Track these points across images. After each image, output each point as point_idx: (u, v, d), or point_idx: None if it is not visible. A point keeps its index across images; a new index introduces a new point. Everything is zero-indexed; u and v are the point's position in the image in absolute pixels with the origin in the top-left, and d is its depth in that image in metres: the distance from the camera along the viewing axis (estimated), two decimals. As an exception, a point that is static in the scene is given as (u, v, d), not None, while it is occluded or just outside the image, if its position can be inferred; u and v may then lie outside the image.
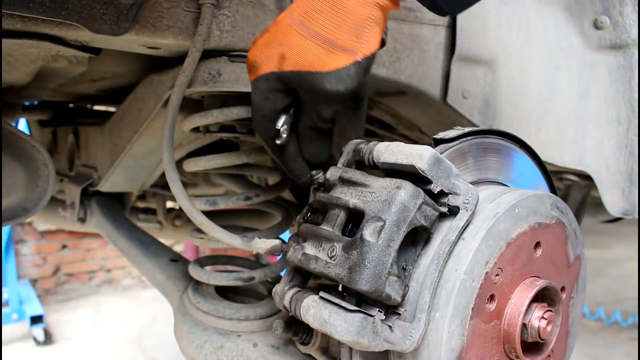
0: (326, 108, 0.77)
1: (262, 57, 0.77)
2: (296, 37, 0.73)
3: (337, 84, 0.73)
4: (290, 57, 0.74)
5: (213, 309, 1.04)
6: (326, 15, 0.71)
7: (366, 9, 0.71)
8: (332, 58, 0.72)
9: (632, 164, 1.51)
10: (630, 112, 1.50)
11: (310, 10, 0.72)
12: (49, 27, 0.78)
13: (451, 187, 0.69)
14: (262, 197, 1.06)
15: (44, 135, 1.88)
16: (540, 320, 0.71)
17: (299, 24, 0.73)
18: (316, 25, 0.72)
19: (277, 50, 0.75)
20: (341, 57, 0.72)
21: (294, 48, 0.73)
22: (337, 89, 0.73)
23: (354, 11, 0.71)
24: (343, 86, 0.73)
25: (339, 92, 0.73)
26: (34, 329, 4.04)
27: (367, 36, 0.72)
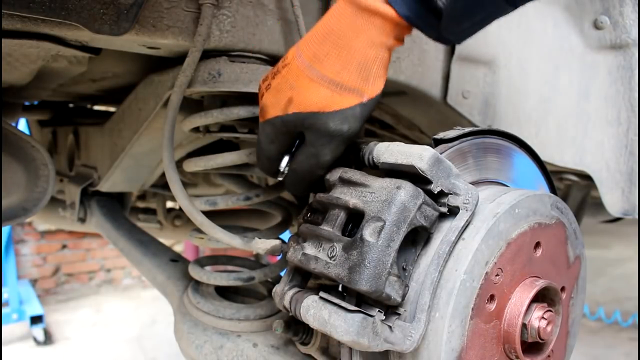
0: (328, 152, 0.76)
1: (272, 101, 0.78)
2: (305, 80, 0.74)
3: (341, 124, 0.73)
4: (297, 100, 0.74)
5: (213, 309, 1.04)
6: (333, 57, 0.72)
7: (372, 51, 0.72)
8: (337, 99, 0.73)
9: (632, 164, 1.51)
10: (630, 112, 1.50)
11: (318, 53, 0.73)
12: (49, 27, 0.78)
13: (451, 187, 0.69)
14: (262, 197, 1.06)
15: (44, 135, 1.88)
16: (540, 320, 0.71)
17: (308, 67, 0.73)
18: (323, 68, 0.73)
19: (287, 95, 0.76)
20: (347, 98, 0.73)
21: (301, 90, 0.74)
22: (340, 129, 0.73)
23: (361, 52, 0.72)
24: (347, 126, 0.73)
25: (342, 131, 0.74)
26: (34, 329, 4.04)
27: (373, 78, 0.73)
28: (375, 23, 0.71)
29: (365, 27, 0.71)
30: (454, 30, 0.75)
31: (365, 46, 0.72)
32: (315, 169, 0.79)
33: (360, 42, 0.71)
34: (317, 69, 0.73)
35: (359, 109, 0.73)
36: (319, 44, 0.73)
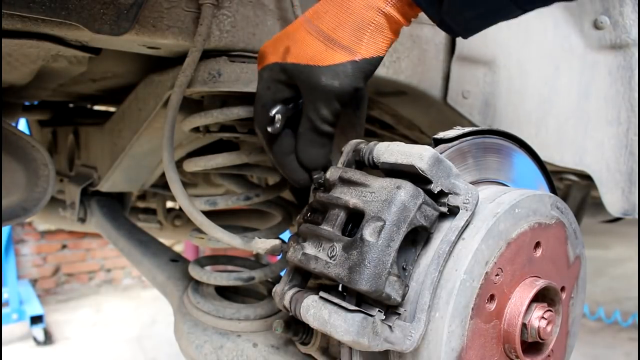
0: (324, 106, 0.77)
1: (270, 49, 0.81)
2: (302, 32, 0.77)
3: (332, 79, 0.75)
4: (293, 50, 0.77)
5: (213, 309, 1.04)
6: (331, 14, 0.75)
7: (369, 13, 0.73)
8: (330, 54, 0.75)
9: (632, 164, 1.51)
10: (630, 112, 1.50)
11: (319, 10, 0.76)
12: (49, 27, 0.78)
13: (451, 187, 0.69)
14: (262, 197, 1.06)
15: (44, 135, 1.88)
16: (540, 320, 0.71)
17: (307, 21, 0.77)
18: (321, 23, 0.76)
19: (284, 44, 0.78)
20: (339, 54, 0.75)
21: (298, 42, 0.77)
22: (332, 84, 0.75)
23: (357, 13, 0.74)
24: (338, 82, 0.74)
25: (334, 87, 0.75)
26: (34, 329, 4.05)
27: (367, 39, 0.74)
28: None
29: None
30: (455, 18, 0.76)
31: (362, 7, 0.74)
32: (319, 125, 0.79)
33: (359, 3, 0.74)
34: (315, 24, 0.76)
35: (350, 66, 0.74)
36: (323, 4, 0.76)
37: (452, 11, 0.74)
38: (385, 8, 0.73)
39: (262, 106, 0.82)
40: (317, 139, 0.81)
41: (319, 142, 0.81)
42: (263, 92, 0.82)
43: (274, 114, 0.80)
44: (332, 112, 0.78)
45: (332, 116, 0.78)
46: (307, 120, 0.79)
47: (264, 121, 0.82)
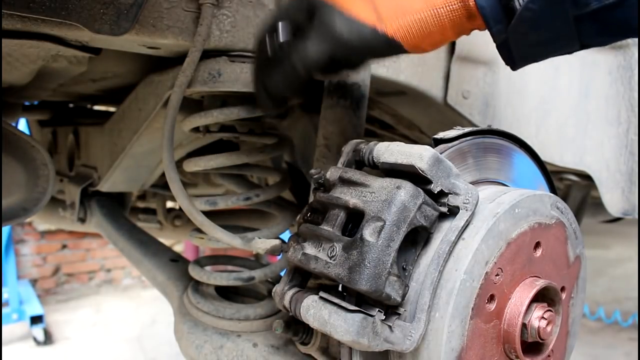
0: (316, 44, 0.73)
1: None
2: None
3: (343, 28, 0.71)
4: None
5: (213, 309, 1.04)
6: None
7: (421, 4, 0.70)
8: (361, 7, 0.71)
9: (632, 164, 1.51)
10: (630, 112, 1.50)
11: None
12: (49, 27, 0.78)
13: (451, 187, 0.69)
14: (262, 197, 1.06)
15: (44, 135, 1.88)
16: (540, 320, 0.71)
17: None
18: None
19: None
20: (368, 13, 0.71)
21: None
22: (340, 32, 0.71)
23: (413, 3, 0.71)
24: (347, 35, 0.71)
25: (339, 36, 0.71)
26: (34, 329, 4.04)
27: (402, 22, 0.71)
28: None
29: None
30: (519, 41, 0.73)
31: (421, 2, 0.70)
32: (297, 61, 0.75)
33: None
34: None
35: (368, 31, 0.71)
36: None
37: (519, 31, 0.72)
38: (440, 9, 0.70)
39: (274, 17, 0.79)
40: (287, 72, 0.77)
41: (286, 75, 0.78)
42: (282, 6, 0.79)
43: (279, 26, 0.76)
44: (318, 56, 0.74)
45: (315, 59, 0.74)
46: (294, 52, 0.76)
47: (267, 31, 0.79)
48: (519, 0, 0.69)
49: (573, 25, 0.70)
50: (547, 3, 0.68)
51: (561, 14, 0.69)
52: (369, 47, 0.72)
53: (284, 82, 0.79)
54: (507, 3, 0.70)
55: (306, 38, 0.75)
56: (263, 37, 0.80)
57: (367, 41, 0.71)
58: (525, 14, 0.69)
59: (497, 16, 0.71)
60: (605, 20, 0.69)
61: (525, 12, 0.69)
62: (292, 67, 0.76)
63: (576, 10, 0.69)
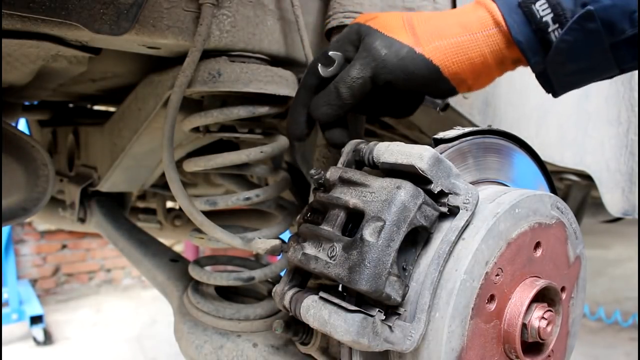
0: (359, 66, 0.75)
1: (363, 15, 0.82)
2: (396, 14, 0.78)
3: (382, 46, 0.73)
4: (378, 18, 0.78)
5: (213, 309, 1.04)
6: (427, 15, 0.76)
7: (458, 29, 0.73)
8: (400, 31, 0.74)
9: (632, 164, 1.51)
10: (630, 112, 1.50)
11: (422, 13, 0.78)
12: (49, 27, 0.78)
13: (451, 187, 0.69)
14: (262, 197, 1.06)
15: (44, 135, 1.88)
16: (541, 320, 0.71)
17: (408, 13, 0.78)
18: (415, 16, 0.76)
19: (377, 14, 0.80)
20: (406, 34, 0.74)
21: (387, 15, 0.78)
22: (379, 50, 0.73)
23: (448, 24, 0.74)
24: (385, 52, 0.73)
25: (378, 54, 0.73)
26: (34, 329, 4.05)
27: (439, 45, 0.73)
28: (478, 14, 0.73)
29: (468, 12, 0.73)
30: (557, 71, 0.74)
31: (455, 24, 0.73)
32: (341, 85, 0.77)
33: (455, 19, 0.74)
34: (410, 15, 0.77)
35: (406, 50, 0.73)
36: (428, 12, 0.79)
37: (557, 62, 0.72)
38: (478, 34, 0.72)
39: (325, 52, 0.81)
40: (331, 95, 0.79)
41: (330, 98, 0.79)
42: (333, 42, 0.82)
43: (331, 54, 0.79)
44: (360, 77, 0.75)
45: (357, 81, 0.76)
46: (339, 75, 0.78)
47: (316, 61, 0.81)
48: (555, 32, 0.70)
49: (610, 53, 0.71)
50: (582, 34, 0.69)
51: (597, 44, 0.70)
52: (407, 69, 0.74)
53: (327, 107, 0.80)
54: (544, 36, 0.71)
55: (352, 64, 0.77)
56: (315, 65, 0.81)
57: (405, 61, 0.73)
58: (561, 46, 0.70)
59: (534, 48, 0.72)
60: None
61: (561, 44, 0.70)
62: (336, 91, 0.78)
63: (612, 38, 0.69)
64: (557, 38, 0.70)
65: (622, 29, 0.68)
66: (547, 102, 1.39)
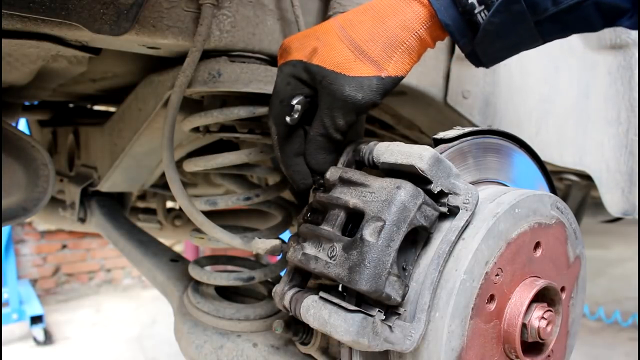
0: (341, 115, 0.76)
1: (296, 45, 0.80)
2: (332, 37, 0.77)
3: (356, 91, 0.74)
4: (321, 52, 0.77)
5: (213, 309, 1.04)
6: (366, 26, 0.75)
7: (404, 33, 0.74)
8: (358, 65, 0.75)
9: (632, 164, 1.51)
10: (630, 112, 1.50)
11: (353, 19, 0.77)
12: (49, 27, 0.78)
13: (451, 187, 0.69)
14: (262, 197, 1.06)
15: (44, 135, 1.88)
16: (540, 320, 0.71)
17: (340, 27, 0.77)
18: (354, 33, 0.76)
19: (312, 44, 0.78)
20: (367, 67, 0.74)
21: (327, 45, 0.77)
22: (354, 96, 0.74)
23: (392, 30, 0.74)
24: (361, 95, 0.74)
25: (356, 99, 0.74)
26: (34, 329, 4.04)
27: (397, 58, 0.75)
28: (413, 8, 0.74)
29: (403, 10, 0.74)
30: (486, 49, 0.77)
31: (398, 26, 0.74)
32: (332, 132, 0.78)
33: (395, 22, 0.74)
34: (347, 32, 0.76)
35: (375, 81, 0.74)
36: (357, 14, 0.77)
37: (485, 42, 0.75)
38: (420, 31, 0.74)
39: (280, 101, 0.81)
40: (326, 145, 0.80)
41: (328, 148, 0.80)
42: (282, 87, 0.81)
43: (294, 104, 0.79)
44: (348, 122, 0.77)
45: (346, 126, 0.78)
46: (320, 126, 0.78)
47: (281, 113, 0.81)
48: (481, 13, 0.73)
49: (534, 29, 0.74)
50: (508, 15, 0.72)
51: (522, 22, 0.73)
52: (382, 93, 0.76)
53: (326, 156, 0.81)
54: (470, 18, 0.74)
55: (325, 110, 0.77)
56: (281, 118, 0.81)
57: (378, 90, 0.75)
58: (488, 28, 0.73)
59: (462, 30, 0.75)
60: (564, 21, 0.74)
61: (488, 26, 0.73)
62: (327, 139, 0.79)
63: (535, 17, 0.73)
64: (484, 20, 0.73)
65: (544, 8, 0.72)
66: (547, 102, 1.39)
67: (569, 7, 0.71)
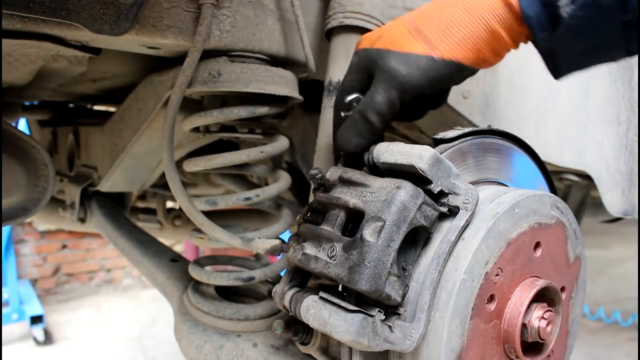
0: (381, 90, 0.73)
1: (367, 37, 0.80)
2: (398, 23, 0.77)
3: (399, 64, 0.72)
4: (383, 37, 0.76)
5: (213, 309, 1.04)
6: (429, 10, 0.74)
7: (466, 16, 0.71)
8: (410, 41, 0.73)
9: (632, 164, 1.51)
10: (630, 112, 1.50)
11: (423, 8, 0.76)
12: (49, 27, 0.78)
13: (451, 187, 0.69)
14: (262, 197, 1.06)
15: (44, 135, 1.88)
16: (540, 320, 0.71)
17: (409, 16, 0.77)
18: (418, 16, 0.75)
19: (380, 32, 0.78)
20: (419, 44, 0.72)
21: (390, 29, 0.76)
22: (397, 69, 0.72)
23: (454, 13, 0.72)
24: (406, 70, 0.71)
25: (398, 73, 0.71)
26: (34, 329, 4.05)
27: (454, 41, 0.71)
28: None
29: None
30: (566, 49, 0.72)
31: (460, 10, 0.71)
32: (368, 112, 0.75)
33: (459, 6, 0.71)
34: (413, 17, 0.75)
35: (425, 60, 0.71)
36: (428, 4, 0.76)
37: (566, 40, 0.70)
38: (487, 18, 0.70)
39: (342, 91, 0.81)
40: (359, 125, 0.77)
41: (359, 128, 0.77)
42: (346, 79, 0.81)
43: (350, 101, 0.79)
44: (387, 100, 0.73)
45: (385, 105, 0.74)
46: (362, 103, 0.77)
47: (338, 106, 0.81)
48: (566, 7, 0.67)
49: (620, 32, 0.68)
50: (595, 10, 0.67)
51: (609, 21, 0.68)
52: (431, 76, 0.72)
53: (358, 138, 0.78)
54: (554, 11, 0.68)
55: (373, 90, 0.75)
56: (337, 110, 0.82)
57: (427, 71, 0.71)
58: (572, 22, 0.68)
59: (543, 23, 0.70)
60: None
61: (572, 20, 0.67)
62: (363, 119, 0.76)
63: (624, 16, 0.67)
64: (568, 14, 0.67)
65: (634, 6, 0.66)
66: (547, 102, 1.39)
67: None
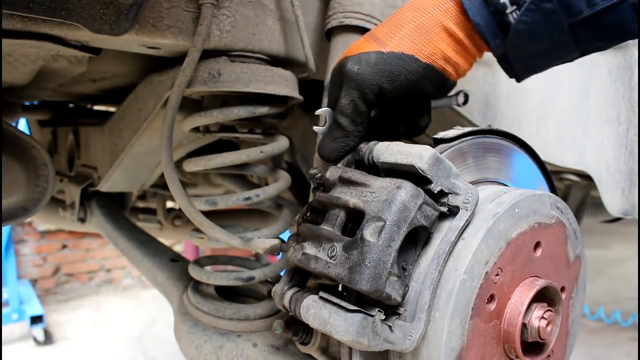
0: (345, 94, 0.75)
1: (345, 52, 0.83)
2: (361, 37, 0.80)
3: (353, 65, 0.74)
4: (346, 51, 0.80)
5: (213, 308, 1.04)
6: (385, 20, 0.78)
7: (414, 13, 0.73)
8: (365, 45, 0.76)
9: (632, 164, 1.51)
10: (630, 112, 1.50)
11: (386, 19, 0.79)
12: (49, 27, 0.78)
13: (451, 187, 0.69)
14: (262, 197, 1.06)
15: (44, 135, 1.88)
16: (540, 320, 0.71)
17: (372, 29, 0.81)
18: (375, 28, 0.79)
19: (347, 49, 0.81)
20: (369, 44, 0.75)
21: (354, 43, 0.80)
22: (351, 69, 0.74)
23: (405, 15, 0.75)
24: (358, 68, 0.73)
25: (352, 72, 0.74)
26: (34, 329, 4.04)
27: (402, 35, 0.73)
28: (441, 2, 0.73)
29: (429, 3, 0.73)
30: (519, 53, 0.75)
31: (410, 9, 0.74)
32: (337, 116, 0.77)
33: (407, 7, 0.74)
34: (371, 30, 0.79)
35: (374, 56, 0.73)
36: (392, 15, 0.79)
37: (517, 44, 0.73)
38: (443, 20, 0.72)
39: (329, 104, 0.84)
40: (333, 131, 0.79)
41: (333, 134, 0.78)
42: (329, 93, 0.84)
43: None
44: (349, 102, 0.75)
45: (348, 107, 0.75)
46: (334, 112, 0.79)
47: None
48: (513, 14, 0.70)
49: (569, 34, 0.71)
50: (540, 15, 0.69)
51: (555, 24, 0.70)
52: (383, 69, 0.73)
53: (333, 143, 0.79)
54: (502, 18, 0.71)
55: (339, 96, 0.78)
56: None
57: (377, 65, 0.73)
58: (519, 27, 0.70)
59: (493, 31, 0.73)
60: (599, 25, 0.70)
61: (519, 26, 0.70)
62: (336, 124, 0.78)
63: (569, 19, 0.70)
64: (515, 19, 0.70)
65: (579, 10, 0.68)
66: (547, 102, 1.39)
67: (605, 9, 0.67)
